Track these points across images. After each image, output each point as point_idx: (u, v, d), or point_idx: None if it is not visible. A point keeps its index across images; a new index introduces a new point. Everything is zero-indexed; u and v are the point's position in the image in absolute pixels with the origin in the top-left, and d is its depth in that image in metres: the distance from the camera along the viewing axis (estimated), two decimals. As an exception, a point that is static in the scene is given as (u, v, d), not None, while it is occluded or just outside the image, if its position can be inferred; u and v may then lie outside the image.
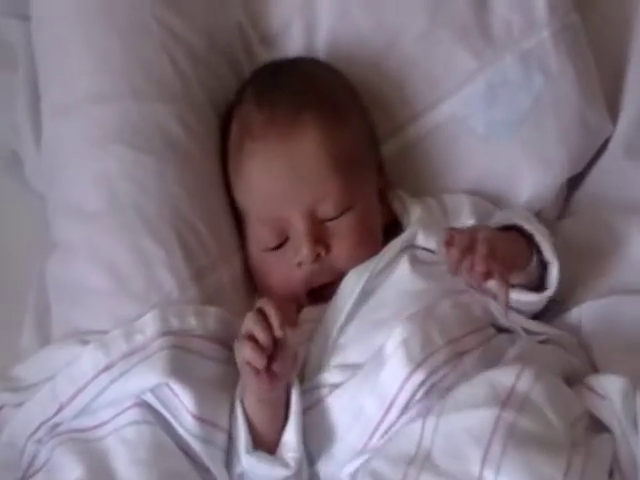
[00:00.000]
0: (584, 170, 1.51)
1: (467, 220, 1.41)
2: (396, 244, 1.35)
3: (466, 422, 1.17)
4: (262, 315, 1.21)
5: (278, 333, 1.17)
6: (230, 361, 1.27)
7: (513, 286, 1.25)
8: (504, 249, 1.23)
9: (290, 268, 1.35)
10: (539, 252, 1.30)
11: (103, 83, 1.37)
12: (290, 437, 1.23)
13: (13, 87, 1.56)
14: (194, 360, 1.27)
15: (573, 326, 1.36)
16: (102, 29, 1.41)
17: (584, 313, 1.36)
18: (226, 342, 1.30)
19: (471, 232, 1.22)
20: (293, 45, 1.51)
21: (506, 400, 1.16)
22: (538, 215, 1.47)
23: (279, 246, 1.37)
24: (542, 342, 1.30)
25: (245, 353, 1.20)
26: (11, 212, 1.57)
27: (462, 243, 1.20)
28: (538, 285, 1.30)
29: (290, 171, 1.35)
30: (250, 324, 1.21)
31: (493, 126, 1.46)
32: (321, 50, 1.50)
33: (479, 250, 1.19)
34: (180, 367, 1.25)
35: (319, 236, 1.35)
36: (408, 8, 1.48)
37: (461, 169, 1.47)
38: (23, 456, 1.29)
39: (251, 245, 1.40)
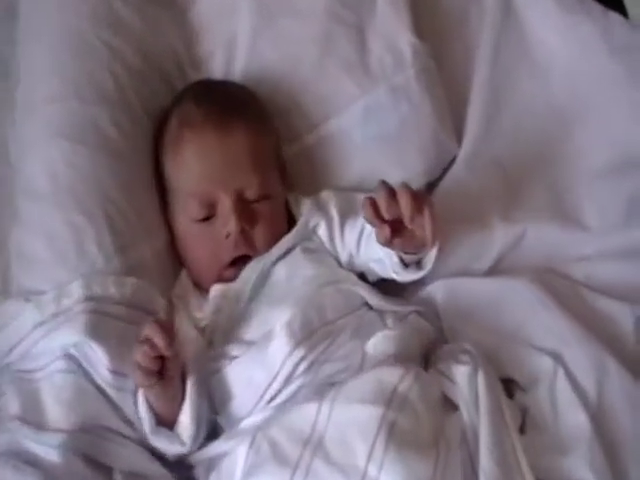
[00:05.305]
0: (438, 178, 1.62)
1: (333, 210, 1.50)
2: (289, 237, 1.44)
3: (356, 416, 1.21)
4: (148, 341, 1.26)
5: (166, 353, 1.24)
6: (144, 323, 1.32)
7: (406, 253, 1.33)
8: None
9: (219, 239, 1.42)
10: None
11: (54, 88, 1.49)
12: (184, 418, 1.30)
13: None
14: (111, 322, 1.33)
15: (429, 299, 1.45)
16: (60, 48, 1.53)
17: (436, 290, 1.46)
18: (142, 307, 1.37)
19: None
20: (216, 70, 1.63)
21: (390, 399, 1.22)
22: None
23: (206, 219, 1.43)
24: (406, 316, 1.38)
25: (136, 377, 1.28)
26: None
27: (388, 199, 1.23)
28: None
29: (223, 157, 1.43)
30: (137, 354, 1.27)
31: (368, 138, 1.58)
32: (237, 75, 1.62)
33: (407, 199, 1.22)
34: (97, 328, 1.32)
35: (244, 214, 1.43)
36: (305, 47, 1.61)
37: (343, 170, 1.59)
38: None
39: (181, 218, 1.46)
